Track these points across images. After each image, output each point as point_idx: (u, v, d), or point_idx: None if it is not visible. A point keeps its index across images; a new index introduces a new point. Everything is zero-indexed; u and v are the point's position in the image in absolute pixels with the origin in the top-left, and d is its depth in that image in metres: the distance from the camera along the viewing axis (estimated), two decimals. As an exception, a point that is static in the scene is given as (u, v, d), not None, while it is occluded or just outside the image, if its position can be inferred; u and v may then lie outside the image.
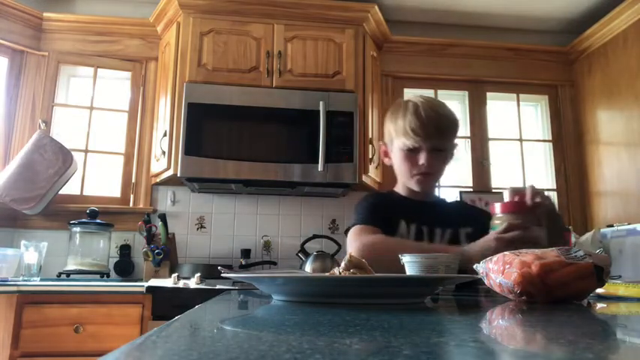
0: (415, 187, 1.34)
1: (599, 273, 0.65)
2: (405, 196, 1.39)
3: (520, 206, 1.06)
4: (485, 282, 0.73)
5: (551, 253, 0.67)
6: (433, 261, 0.90)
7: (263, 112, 2.37)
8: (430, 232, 1.31)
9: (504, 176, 2.99)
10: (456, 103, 3.08)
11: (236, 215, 2.70)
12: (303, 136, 2.39)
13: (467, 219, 1.36)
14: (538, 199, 1.04)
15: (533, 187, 1.06)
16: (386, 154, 1.41)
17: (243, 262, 2.52)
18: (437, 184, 1.44)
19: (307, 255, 2.32)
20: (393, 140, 1.33)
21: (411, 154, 1.30)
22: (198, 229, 2.66)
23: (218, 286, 1.93)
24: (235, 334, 0.38)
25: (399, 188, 1.42)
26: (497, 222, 1.07)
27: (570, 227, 2.69)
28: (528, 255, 0.67)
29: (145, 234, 2.44)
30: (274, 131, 2.39)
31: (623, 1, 2.56)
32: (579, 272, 0.65)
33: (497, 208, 1.08)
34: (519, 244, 0.92)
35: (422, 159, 1.28)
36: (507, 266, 0.67)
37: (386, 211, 1.32)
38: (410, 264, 0.92)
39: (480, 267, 0.74)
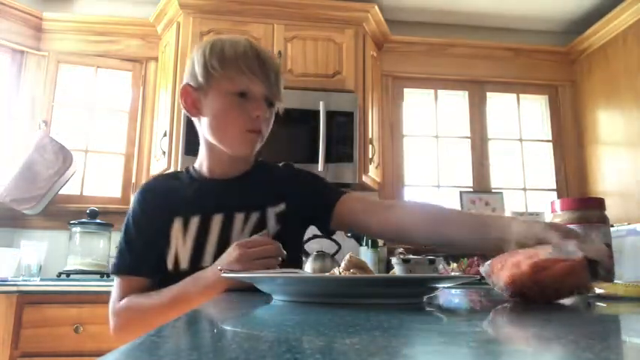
0: (243, 149, 1.00)
1: (594, 267, 0.65)
2: (198, 177, 1.04)
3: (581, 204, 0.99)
4: (489, 282, 0.73)
5: (543, 251, 0.66)
6: None
7: (263, 112, 2.37)
8: (227, 220, 0.98)
9: (504, 176, 2.99)
10: (457, 103, 3.08)
11: (236, 215, 2.70)
12: (303, 136, 2.39)
13: (281, 193, 1.04)
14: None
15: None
16: (194, 104, 1.00)
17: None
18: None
19: (307, 255, 2.32)
20: (217, 81, 0.97)
21: (241, 101, 0.96)
22: (198, 229, 2.66)
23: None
24: (235, 334, 0.38)
25: (202, 162, 1.04)
26: (556, 220, 1.02)
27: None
28: (519, 254, 0.67)
29: (145, 234, 2.44)
30: (274, 131, 2.38)
31: (623, 1, 2.56)
32: (572, 268, 0.64)
33: (558, 205, 1.00)
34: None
35: (257, 108, 0.97)
36: (500, 266, 0.67)
37: (152, 218, 0.99)
38: None
39: (483, 269, 0.74)
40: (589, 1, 2.83)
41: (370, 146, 2.54)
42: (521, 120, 3.06)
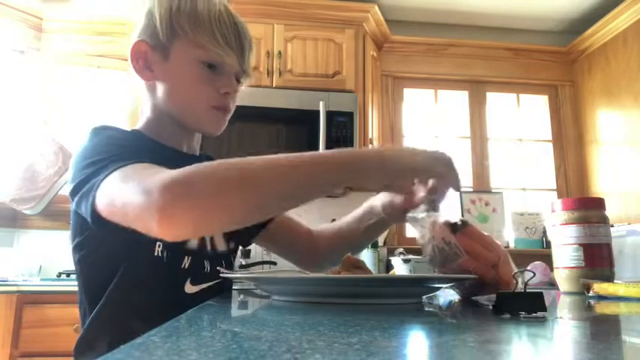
0: (208, 127, 0.86)
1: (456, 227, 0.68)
2: (162, 144, 0.84)
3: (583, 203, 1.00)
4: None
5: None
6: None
7: (263, 112, 2.37)
8: None
9: (504, 176, 2.99)
10: (457, 103, 3.08)
11: (236, 215, 2.70)
12: (303, 136, 2.39)
13: None
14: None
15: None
16: (148, 65, 0.82)
17: (243, 262, 2.52)
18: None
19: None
20: (184, 44, 0.81)
21: (209, 72, 0.82)
22: (198, 229, 2.66)
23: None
24: (235, 334, 0.38)
25: (153, 129, 0.85)
26: (556, 220, 1.02)
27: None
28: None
29: (144, 234, 2.44)
30: (274, 131, 2.39)
31: (623, 1, 2.56)
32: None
33: (558, 205, 1.01)
34: None
35: (227, 85, 0.84)
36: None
37: (152, 158, 0.66)
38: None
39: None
40: (589, 1, 2.83)
41: (370, 146, 2.54)
42: (521, 120, 3.06)
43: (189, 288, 0.79)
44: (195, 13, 0.81)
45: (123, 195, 0.59)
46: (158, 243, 0.75)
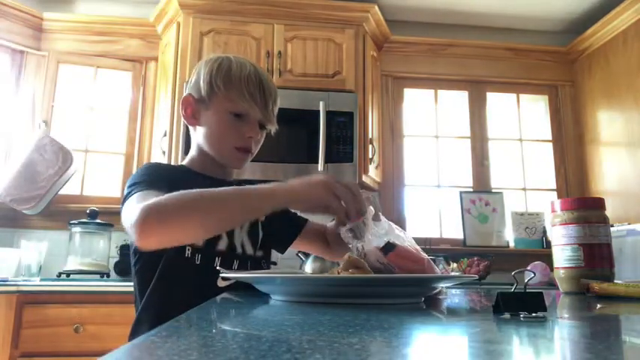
0: (232, 164, 1.09)
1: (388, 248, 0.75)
2: (200, 172, 1.08)
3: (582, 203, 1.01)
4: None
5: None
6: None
7: (263, 112, 2.37)
8: None
9: (504, 176, 2.99)
10: (457, 103, 3.08)
11: (236, 215, 2.70)
12: (303, 136, 2.39)
13: None
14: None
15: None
16: (193, 114, 1.06)
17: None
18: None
19: (307, 255, 2.32)
20: (219, 98, 1.03)
21: (237, 121, 1.04)
22: (198, 229, 2.66)
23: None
24: (235, 334, 0.38)
25: (192, 164, 1.10)
26: (556, 220, 1.03)
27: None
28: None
29: (145, 234, 2.43)
30: (274, 131, 2.39)
31: (623, 1, 2.56)
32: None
33: (558, 205, 1.03)
34: None
35: (250, 131, 1.04)
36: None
37: (179, 185, 0.86)
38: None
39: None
40: (589, 1, 2.82)
41: (370, 146, 2.54)
42: (521, 120, 3.06)
43: (221, 282, 0.96)
44: (229, 74, 1.03)
45: (127, 214, 0.83)
46: (187, 247, 0.94)
